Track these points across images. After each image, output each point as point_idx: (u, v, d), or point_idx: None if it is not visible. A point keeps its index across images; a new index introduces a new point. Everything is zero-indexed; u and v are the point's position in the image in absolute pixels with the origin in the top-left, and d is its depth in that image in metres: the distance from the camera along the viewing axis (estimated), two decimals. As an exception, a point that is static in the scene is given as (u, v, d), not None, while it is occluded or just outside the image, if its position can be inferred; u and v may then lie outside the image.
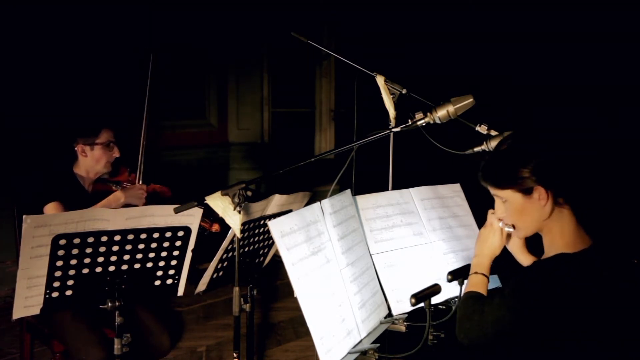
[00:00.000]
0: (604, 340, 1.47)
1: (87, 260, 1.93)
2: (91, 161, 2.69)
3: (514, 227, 1.65)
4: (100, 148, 2.68)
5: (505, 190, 1.57)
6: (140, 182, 2.83)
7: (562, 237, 1.55)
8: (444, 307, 2.04)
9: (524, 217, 1.58)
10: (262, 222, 2.31)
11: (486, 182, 1.62)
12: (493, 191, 1.62)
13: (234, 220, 1.78)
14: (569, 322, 1.45)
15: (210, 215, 2.55)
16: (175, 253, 2.10)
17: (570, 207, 1.55)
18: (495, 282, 2.08)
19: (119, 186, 2.79)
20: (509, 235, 1.78)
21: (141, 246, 2.02)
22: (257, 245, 2.40)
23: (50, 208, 2.50)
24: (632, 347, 1.50)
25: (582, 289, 1.45)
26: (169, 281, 2.15)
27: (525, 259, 1.83)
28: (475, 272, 1.73)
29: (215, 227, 2.61)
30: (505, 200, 1.59)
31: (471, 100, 1.85)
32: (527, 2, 5.58)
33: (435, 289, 1.76)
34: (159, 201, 2.80)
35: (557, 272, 1.47)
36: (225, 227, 2.16)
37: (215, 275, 2.28)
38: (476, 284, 1.71)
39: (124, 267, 2.02)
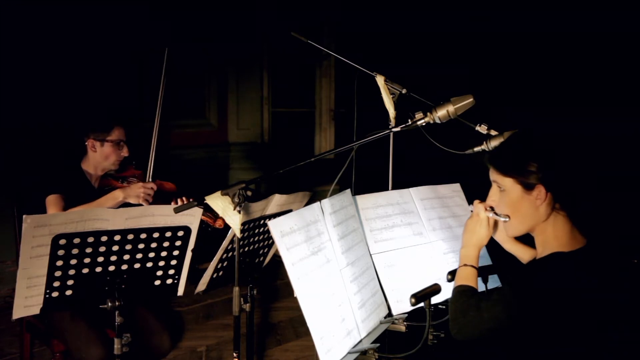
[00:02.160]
0: (601, 339, 1.47)
1: (87, 260, 1.93)
2: (100, 157, 2.70)
3: (508, 217, 1.61)
4: (110, 145, 2.70)
5: (507, 177, 1.55)
6: (150, 180, 2.75)
7: (556, 239, 1.54)
8: (444, 307, 2.04)
9: (516, 212, 1.56)
10: (262, 222, 2.31)
11: (492, 164, 1.60)
12: (495, 176, 1.59)
13: (234, 220, 1.78)
14: (565, 320, 1.45)
15: (213, 210, 2.53)
16: (175, 253, 2.10)
17: (566, 213, 1.54)
18: (495, 282, 2.08)
19: (125, 181, 2.78)
20: (495, 226, 1.75)
21: (141, 246, 2.02)
22: (257, 245, 2.40)
23: (52, 200, 2.50)
24: (630, 346, 1.50)
25: (579, 287, 1.45)
26: (169, 281, 2.15)
27: (514, 248, 1.83)
28: (465, 265, 1.71)
29: (219, 223, 2.57)
30: (504, 190, 1.58)
31: (471, 100, 1.85)
32: (527, 2, 5.58)
33: (435, 289, 1.75)
34: (165, 197, 2.77)
35: (554, 271, 1.48)
36: (228, 224, 2.15)
37: (215, 275, 2.28)
38: (466, 276, 1.69)
39: (124, 267, 2.02)
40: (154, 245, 2.04)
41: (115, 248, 1.97)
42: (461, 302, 1.62)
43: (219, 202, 1.76)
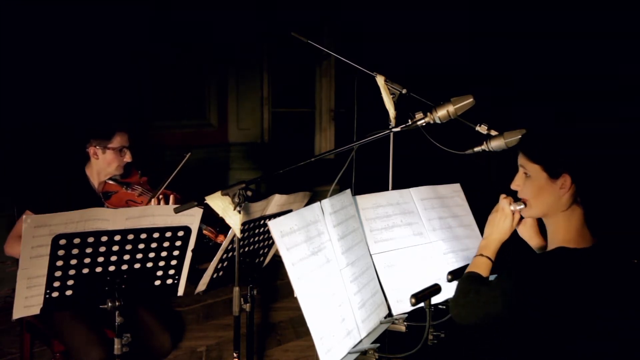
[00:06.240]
0: (596, 339, 1.47)
1: (87, 260, 1.93)
2: (102, 164, 2.68)
3: (525, 204, 1.63)
4: (112, 152, 2.66)
5: (535, 164, 1.57)
6: (162, 193, 2.67)
7: (566, 233, 1.56)
8: (444, 307, 2.04)
9: (538, 198, 1.58)
10: (262, 222, 2.31)
11: (522, 149, 1.61)
12: (523, 161, 1.61)
13: (234, 220, 1.78)
14: (561, 315, 1.45)
15: (216, 225, 2.53)
16: (175, 253, 2.10)
17: (583, 209, 1.55)
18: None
19: (129, 188, 2.77)
20: (519, 221, 1.76)
21: (141, 246, 2.02)
22: (257, 245, 2.40)
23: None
24: (628, 346, 1.50)
25: (578, 284, 1.46)
26: (169, 281, 2.16)
27: (537, 243, 1.83)
28: (480, 254, 1.73)
29: (220, 239, 2.56)
30: (530, 176, 1.59)
31: (471, 100, 1.85)
32: (526, 1, 5.58)
33: (435, 289, 1.76)
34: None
35: (555, 265, 1.48)
36: (229, 234, 2.16)
37: (215, 275, 2.28)
38: (478, 265, 1.71)
39: (124, 267, 2.02)
40: (154, 245, 2.04)
41: (115, 248, 1.97)
42: (465, 285, 1.65)
43: (219, 202, 1.76)
